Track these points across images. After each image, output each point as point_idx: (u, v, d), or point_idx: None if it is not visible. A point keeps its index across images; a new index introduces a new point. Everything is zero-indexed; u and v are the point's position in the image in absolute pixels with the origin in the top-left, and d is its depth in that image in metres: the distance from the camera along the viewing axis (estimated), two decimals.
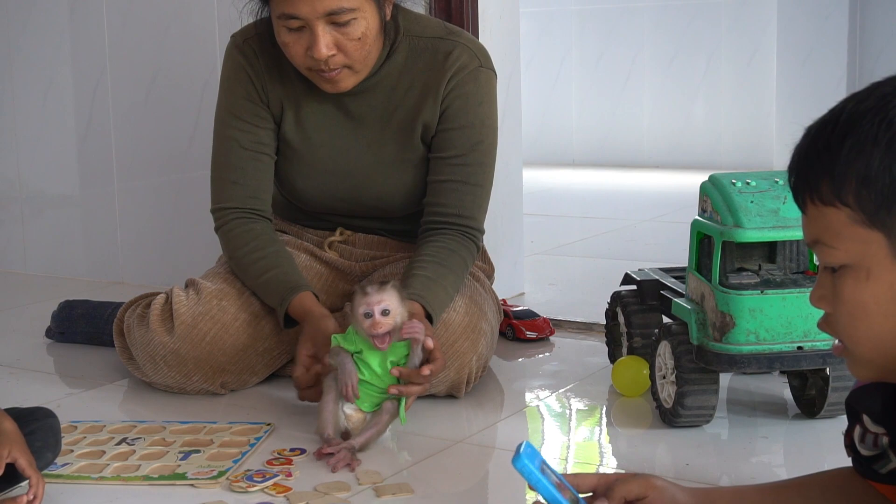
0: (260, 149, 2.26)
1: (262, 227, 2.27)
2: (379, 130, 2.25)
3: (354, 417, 1.91)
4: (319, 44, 2.05)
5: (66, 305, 2.72)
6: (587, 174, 6.40)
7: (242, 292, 2.24)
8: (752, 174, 1.96)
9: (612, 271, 2.54)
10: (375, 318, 1.84)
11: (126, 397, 2.30)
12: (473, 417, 2.11)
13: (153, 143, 3.34)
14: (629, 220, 4.80)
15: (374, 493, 1.72)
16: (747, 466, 1.83)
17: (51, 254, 3.63)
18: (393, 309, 1.86)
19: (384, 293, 1.86)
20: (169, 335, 2.18)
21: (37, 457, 1.66)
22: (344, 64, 2.10)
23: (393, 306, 1.86)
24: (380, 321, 1.84)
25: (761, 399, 2.16)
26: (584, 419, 2.14)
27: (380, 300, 1.85)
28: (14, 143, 3.67)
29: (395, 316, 1.86)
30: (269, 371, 2.29)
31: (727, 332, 1.86)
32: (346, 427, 1.92)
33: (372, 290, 1.87)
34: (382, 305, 1.85)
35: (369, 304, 1.85)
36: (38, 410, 1.75)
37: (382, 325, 1.84)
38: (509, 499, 1.75)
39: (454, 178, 2.22)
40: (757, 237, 1.87)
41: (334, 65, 2.09)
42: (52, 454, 1.72)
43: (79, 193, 3.56)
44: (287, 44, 2.10)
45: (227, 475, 1.78)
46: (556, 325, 2.71)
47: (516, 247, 3.19)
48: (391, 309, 1.86)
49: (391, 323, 1.85)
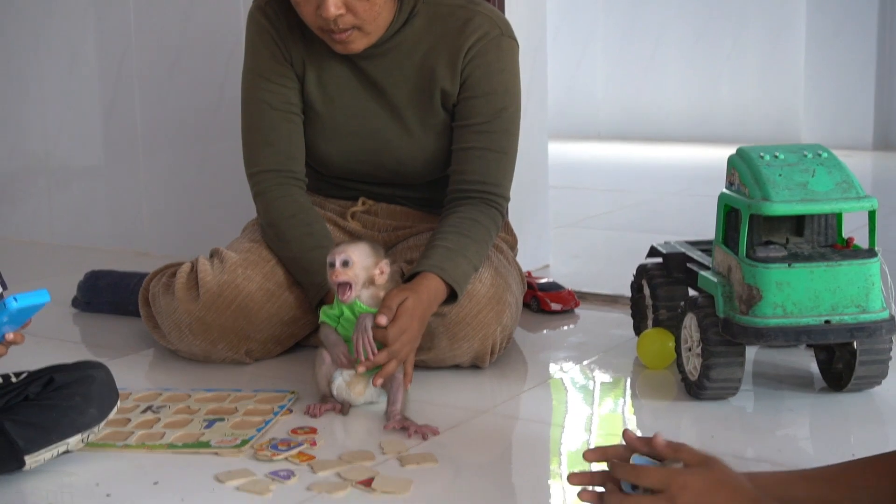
0: (290, 108, 2.26)
1: (304, 197, 2.27)
2: (398, 94, 2.24)
3: (356, 383, 1.94)
4: (328, 3, 2.04)
5: (91, 275, 2.73)
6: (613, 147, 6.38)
7: (268, 261, 2.24)
8: (781, 147, 1.94)
9: (638, 244, 2.53)
10: (336, 268, 1.90)
11: (151, 366, 2.31)
12: (497, 388, 2.11)
13: (178, 115, 3.34)
14: (655, 193, 4.79)
15: (398, 462, 1.72)
16: (773, 440, 1.83)
17: (76, 224, 3.64)
18: (355, 262, 1.91)
19: (349, 246, 1.92)
20: (194, 303, 2.19)
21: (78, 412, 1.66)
22: (353, 25, 2.09)
23: (355, 259, 1.91)
24: (338, 271, 1.90)
25: (787, 372, 2.14)
26: (609, 391, 2.13)
27: (342, 251, 1.91)
28: (40, 115, 3.69)
29: (358, 269, 1.91)
30: (294, 340, 2.29)
31: (754, 305, 1.85)
32: (347, 397, 1.94)
33: (341, 244, 1.93)
34: (343, 256, 1.90)
35: (332, 253, 1.92)
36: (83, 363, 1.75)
37: (339, 274, 1.90)
38: (533, 469, 1.75)
39: (478, 145, 2.21)
40: (785, 210, 1.85)
41: (344, 25, 2.08)
42: (96, 410, 1.70)
43: (104, 165, 3.57)
44: (299, 3, 2.10)
45: (251, 443, 1.79)
46: (580, 298, 2.70)
47: (541, 219, 3.18)
48: (352, 261, 1.90)
49: (350, 275, 1.90)
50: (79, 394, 1.68)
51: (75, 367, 1.72)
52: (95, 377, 1.71)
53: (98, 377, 1.71)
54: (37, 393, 1.67)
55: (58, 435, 1.66)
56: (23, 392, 1.66)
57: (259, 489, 1.61)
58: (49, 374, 1.68)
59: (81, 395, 1.68)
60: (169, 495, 1.62)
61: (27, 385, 1.67)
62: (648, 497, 1.37)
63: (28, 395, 1.66)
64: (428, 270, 2.02)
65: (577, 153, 5.99)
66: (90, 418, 1.69)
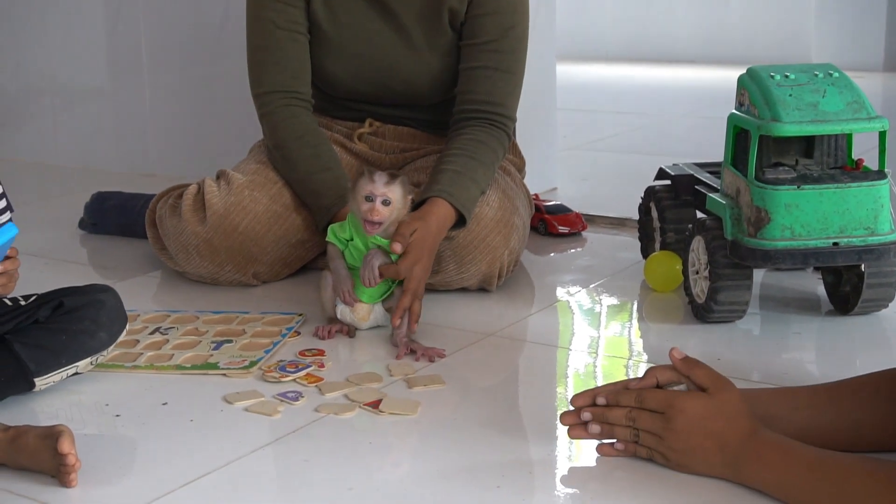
0: (296, 28, 2.23)
1: (311, 118, 2.25)
2: (406, 14, 2.22)
3: (360, 308, 1.94)
4: None
5: (98, 197, 2.72)
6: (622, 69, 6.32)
7: (275, 183, 2.23)
8: (792, 67, 1.92)
9: (646, 166, 2.52)
10: (375, 206, 1.87)
11: (159, 288, 2.31)
12: (504, 311, 2.11)
13: (183, 35, 3.31)
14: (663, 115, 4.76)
15: (405, 384, 1.73)
16: (779, 362, 1.83)
17: (82, 146, 3.63)
18: (394, 202, 1.88)
19: (391, 186, 1.88)
20: (201, 225, 2.19)
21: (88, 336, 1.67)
22: None
23: (395, 199, 1.88)
24: (378, 209, 1.87)
25: (794, 295, 2.14)
26: (616, 314, 2.13)
27: (384, 192, 1.87)
28: (43, 35, 3.65)
29: (394, 210, 1.88)
30: (301, 263, 2.29)
31: (762, 228, 1.84)
32: (351, 320, 1.95)
33: (380, 178, 1.88)
34: (385, 196, 1.87)
35: (373, 190, 1.87)
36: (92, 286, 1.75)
37: (379, 213, 1.87)
38: (539, 391, 1.76)
39: (485, 64, 2.19)
40: (795, 131, 1.84)
41: None
42: (106, 334, 1.71)
43: (108, 85, 3.55)
44: None
45: (259, 365, 1.80)
46: (588, 220, 2.70)
47: (549, 141, 3.16)
48: (392, 201, 1.88)
49: (387, 215, 1.88)
50: (88, 317, 1.68)
51: (85, 290, 1.72)
52: (105, 301, 1.71)
53: (108, 301, 1.72)
54: (46, 316, 1.67)
55: (67, 358, 1.66)
56: (32, 315, 1.66)
57: (267, 410, 1.62)
58: (59, 298, 1.68)
59: (91, 319, 1.68)
60: (178, 416, 1.63)
61: (37, 308, 1.67)
62: (647, 413, 1.39)
63: (38, 318, 1.67)
64: (436, 196, 2.02)
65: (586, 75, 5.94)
66: (100, 342, 1.70)
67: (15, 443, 1.42)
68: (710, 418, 1.35)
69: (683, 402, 1.37)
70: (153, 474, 1.45)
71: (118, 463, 1.49)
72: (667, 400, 1.38)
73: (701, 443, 1.35)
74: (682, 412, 1.36)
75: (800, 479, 1.28)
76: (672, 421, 1.37)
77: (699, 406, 1.36)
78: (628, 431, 1.41)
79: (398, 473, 1.46)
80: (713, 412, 1.35)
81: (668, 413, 1.37)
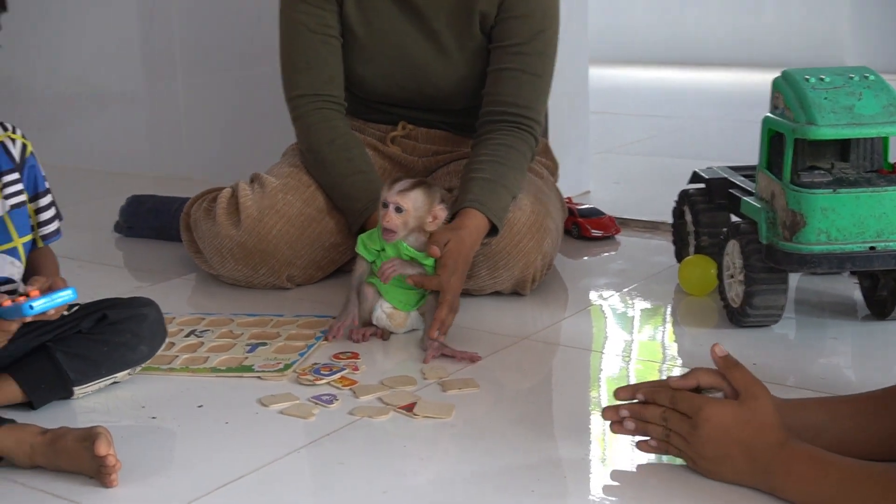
0: (328, 31, 2.24)
1: (343, 122, 2.26)
2: (436, 18, 2.22)
3: (396, 315, 1.95)
4: None
5: (133, 200, 2.74)
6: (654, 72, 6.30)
7: (308, 186, 2.24)
8: (827, 70, 1.91)
9: (679, 170, 2.51)
10: (388, 212, 1.88)
11: (194, 291, 2.32)
12: (538, 315, 2.11)
13: (216, 38, 3.32)
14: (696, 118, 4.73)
15: (439, 387, 1.73)
16: (815, 367, 1.82)
17: (117, 149, 3.65)
18: (409, 210, 1.88)
19: (406, 194, 1.89)
20: (235, 228, 2.20)
21: (128, 349, 1.69)
22: None
23: (409, 207, 1.89)
24: (390, 216, 1.88)
25: (830, 300, 2.13)
26: (649, 318, 2.13)
27: (396, 200, 1.88)
28: (77, 40, 3.68)
29: (409, 217, 1.89)
30: (335, 266, 2.30)
31: (798, 232, 1.83)
32: (387, 326, 1.95)
33: (400, 185, 1.90)
34: (398, 204, 1.88)
35: (387, 197, 1.89)
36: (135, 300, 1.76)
37: (391, 220, 1.88)
38: (573, 395, 1.76)
39: (512, 66, 2.19)
40: (830, 134, 1.82)
41: None
42: (146, 347, 1.73)
43: (143, 90, 3.57)
44: None
45: (294, 368, 1.80)
46: (621, 224, 2.69)
47: (582, 144, 3.15)
48: (405, 209, 1.88)
49: (399, 223, 1.88)
50: (130, 331, 1.70)
51: (128, 303, 1.74)
52: (147, 315, 1.73)
53: (150, 315, 1.74)
54: (89, 327, 1.69)
55: (107, 369, 1.69)
56: (76, 325, 1.68)
57: (302, 413, 1.63)
58: (102, 310, 1.70)
59: (133, 332, 1.71)
60: (213, 418, 1.64)
61: (80, 319, 1.69)
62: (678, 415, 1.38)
63: (81, 328, 1.69)
64: (469, 206, 2.02)
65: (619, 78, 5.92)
66: (140, 355, 1.73)
67: (54, 446, 1.44)
68: (737, 428, 1.34)
69: (711, 410, 1.35)
70: (190, 476, 1.46)
71: (155, 464, 1.50)
72: (697, 405, 1.37)
73: (728, 451, 1.34)
74: (707, 420, 1.35)
75: (832, 490, 1.26)
76: (699, 428, 1.36)
77: (727, 415, 1.35)
78: (661, 430, 1.40)
79: (432, 477, 1.46)
80: (741, 421, 1.34)
81: (695, 419, 1.36)
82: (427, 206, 1.91)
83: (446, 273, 1.90)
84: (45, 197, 1.72)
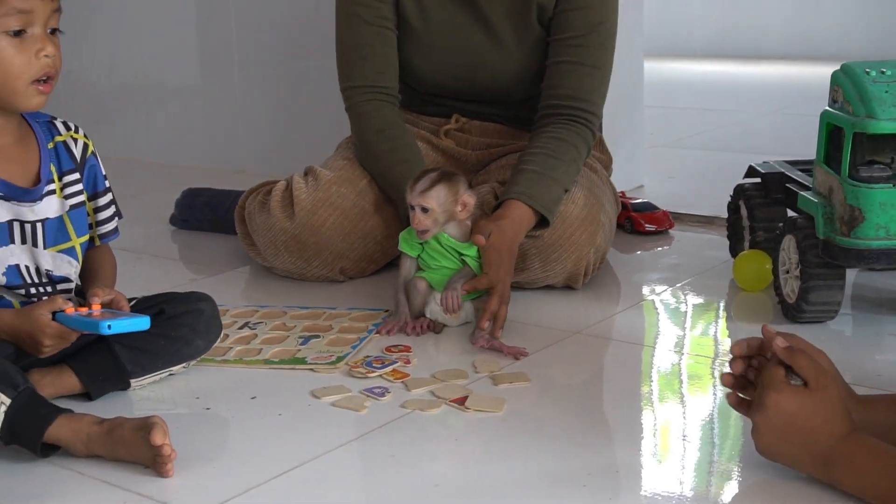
0: (383, 23, 2.25)
1: (394, 113, 2.27)
2: (494, 10, 2.22)
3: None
4: None
5: (189, 193, 2.76)
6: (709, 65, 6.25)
7: (361, 179, 2.25)
8: (888, 63, 1.88)
9: (734, 164, 2.48)
10: (416, 214, 1.90)
11: (248, 283, 2.34)
12: (590, 309, 2.10)
13: (273, 32, 3.34)
14: (752, 112, 4.69)
15: (491, 381, 1.73)
16: (872, 364, 1.80)
17: (173, 143, 3.69)
18: (435, 208, 1.90)
19: (427, 193, 1.90)
20: (290, 221, 2.21)
21: (184, 343, 1.72)
22: None
23: (433, 205, 1.90)
24: (419, 218, 1.91)
25: (889, 296, 2.10)
26: (702, 313, 2.11)
27: (420, 201, 1.90)
28: (136, 34, 3.72)
29: (437, 214, 1.91)
30: (387, 259, 2.30)
31: (856, 227, 1.81)
32: (442, 319, 1.96)
33: (420, 185, 1.91)
34: (423, 204, 1.90)
35: (411, 199, 1.92)
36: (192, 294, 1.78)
37: (420, 222, 1.91)
38: (625, 389, 1.75)
39: (571, 59, 2.18)
40: (891, 128, 1.80)
41: None
42: (202, 341, 1.76)
43: (200, 83, 3.60)
44: None
45: (346, 360, 1.81)
46: (675, 218, 2.67)
47: (636, 138, 3.14)
48: (433, 208, 1.90)
49: (429, 223, 1.90)
50: (187, 325, 1.73)
51: (185, 298, 1.76)
52: (204, 310, 1.75)
53: (206, 310, 1.76)
54: None
55: (164, 363, 1.72)
56: None
57: (355, 405, 1.64)
58: (160, 305, 1.72)
59: (190, 327, 1.73)
60: (267, 410, 1.65)
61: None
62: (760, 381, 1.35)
63: None
64: (513, 198, 2.02)
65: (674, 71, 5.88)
66: (196, 349, 1.75)
67: (111, 435, 1.46)
68: (803, 416, 1.31)
69: (779, 395, 1.31)
70: (243, 466, 1.47)
71: (209, 454, 1.51)
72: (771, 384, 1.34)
73: (790, 438, 1.31)
74: (776, 404, 1.32)
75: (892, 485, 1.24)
76: (765, 409, 1.33)
77: (794, 403, 1.32)
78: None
79: (483, 470, 1.46)
80: (809, 410, 1.31)
81: (764, 400, 1.33)
82: (452, 197, 1.92)
83: (493, 268, 1.91)
84: (105, 196, 1.74)
